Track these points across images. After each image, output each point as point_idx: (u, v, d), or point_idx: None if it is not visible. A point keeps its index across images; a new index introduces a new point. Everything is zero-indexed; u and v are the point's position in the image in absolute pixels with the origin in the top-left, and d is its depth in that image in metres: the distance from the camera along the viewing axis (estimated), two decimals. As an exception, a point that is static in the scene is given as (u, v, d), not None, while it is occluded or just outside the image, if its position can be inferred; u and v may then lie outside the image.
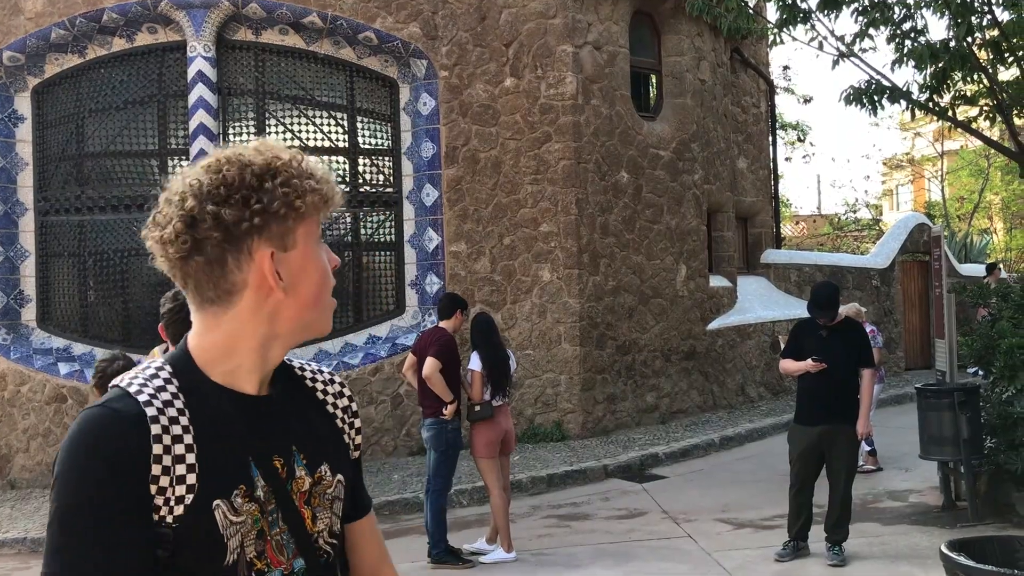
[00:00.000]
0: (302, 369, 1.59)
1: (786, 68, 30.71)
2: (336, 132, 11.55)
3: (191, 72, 10.89)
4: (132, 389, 1.34)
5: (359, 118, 11.62)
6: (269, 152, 1.41)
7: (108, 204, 11.31)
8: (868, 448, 9.27)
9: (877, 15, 8.19)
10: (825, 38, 8.84)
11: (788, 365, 6.88)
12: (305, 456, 1.46)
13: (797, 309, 13.75)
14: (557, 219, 11.22)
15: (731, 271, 14.09)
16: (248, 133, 11.34)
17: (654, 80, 13.02)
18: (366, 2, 11.09)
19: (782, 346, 7.19)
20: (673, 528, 7.82)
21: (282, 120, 11.42)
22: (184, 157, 11.14)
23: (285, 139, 11.36)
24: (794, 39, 9.20)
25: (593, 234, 11.41)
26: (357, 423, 1.62)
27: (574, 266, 11.19)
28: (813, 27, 8.71)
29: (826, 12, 8.37)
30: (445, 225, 11.33)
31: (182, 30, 10.92)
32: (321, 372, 1.62)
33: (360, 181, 11.59)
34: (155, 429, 1.30)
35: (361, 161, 11.61)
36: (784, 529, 6.93)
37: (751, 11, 9.86)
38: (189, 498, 1.31)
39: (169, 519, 1.30)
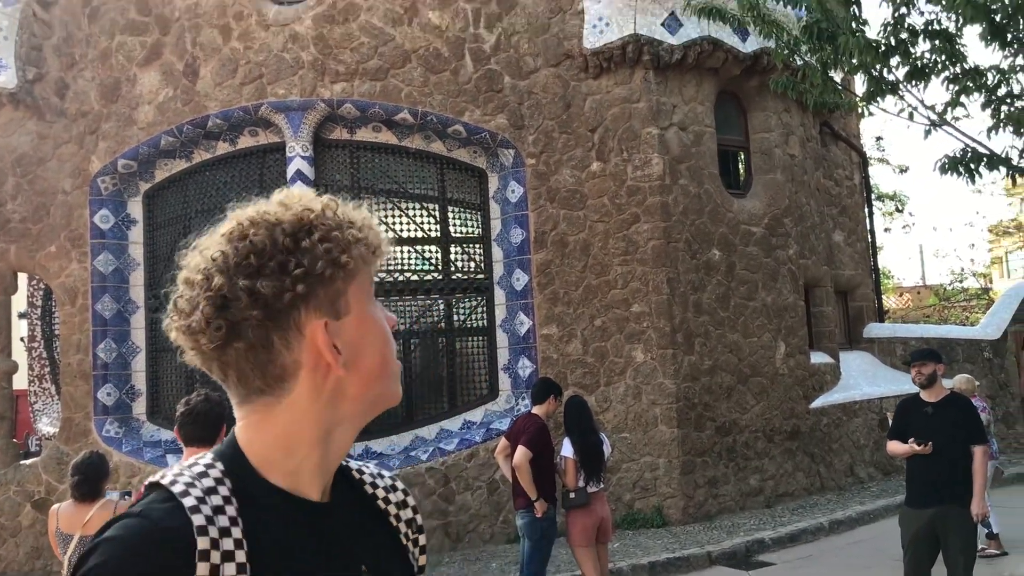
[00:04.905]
0: (360, 472, 1.34)
1: (879, 139, 30.22)
2: (429, 222, 11.83)
3: (290, 171, 11.36)
4: (177, 489, 1.09)
5: (450, 208, 11.89)
6: (298, 205, 1.19)
7: (213, 300, 11.75)
8: (987, 531, 8.74)
9: (969, 83, 8.01)
10: (915, 108, 8.67)
11: (894, 447, 6.59)
12: None
13: (905, 384, 13.21)
14: (648, 299, 11.15)
15: (833, 347, 13.69)
16: (344, 226, 11.70)
17: (742, 157, 12.98)
18: (454, 97, 11.44)
19: (890, 424, 6.90)
20: (781, 618, 7.48)
21: (376, 213, 11.73)
22: (284, 252, 11.53)
23: (379, 231, 11.68)
24: (883, 111, 8.99)
25: (686, 313, 11.28)
26: (422, 540, 1.37)
27: (668, 346, 11.06)
28: (902, 98, 8.56)
29: (914, 83, 8.23)
30: (536, 309, 11.38)
31: (281, 132, 11.45)
32: (382, 476, 1.36)
33: (452, 269, 11.79)
34: (202, 543, 1.06)
35: (453, 249, 11.84)
36: (901, 619, 6.56)
37: (837, 85, 9.77)
38: None
39: None
